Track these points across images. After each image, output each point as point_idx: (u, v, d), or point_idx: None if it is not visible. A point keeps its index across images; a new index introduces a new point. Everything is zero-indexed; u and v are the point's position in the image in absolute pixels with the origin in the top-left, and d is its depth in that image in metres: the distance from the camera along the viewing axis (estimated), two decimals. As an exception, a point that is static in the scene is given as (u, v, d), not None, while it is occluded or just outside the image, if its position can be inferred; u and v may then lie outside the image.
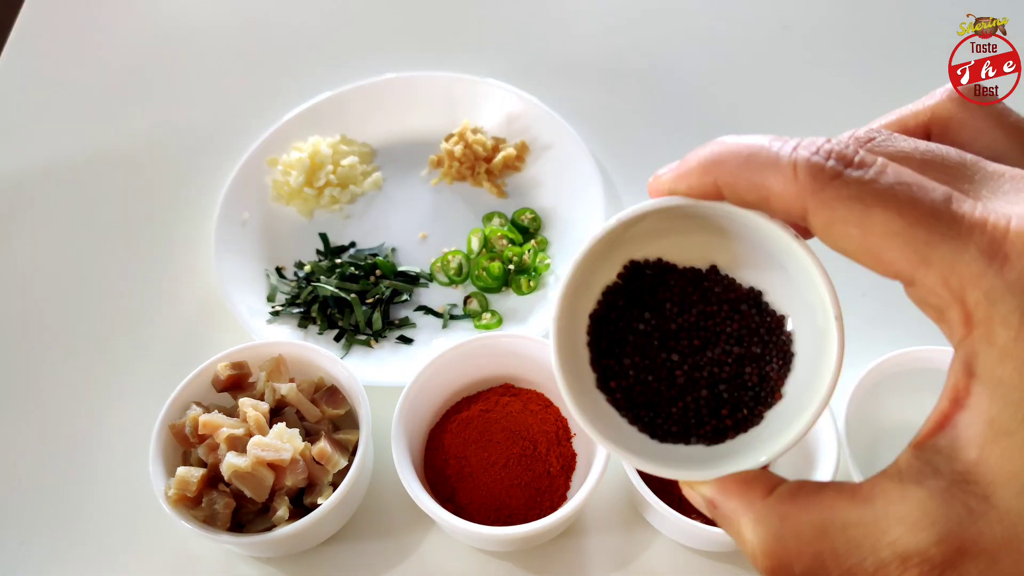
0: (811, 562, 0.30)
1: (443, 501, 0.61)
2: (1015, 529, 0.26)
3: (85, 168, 0.93)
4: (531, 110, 0.90)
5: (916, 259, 0.27)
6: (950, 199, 0.27)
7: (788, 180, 0.29)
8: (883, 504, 0.29)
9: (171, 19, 1.11)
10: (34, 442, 0.73)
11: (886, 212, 0.27)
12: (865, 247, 0.28)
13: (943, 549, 0.27)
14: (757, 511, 0.32)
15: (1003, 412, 0.27)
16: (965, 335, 0.27)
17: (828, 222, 0.28)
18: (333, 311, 0.79)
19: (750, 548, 0.32)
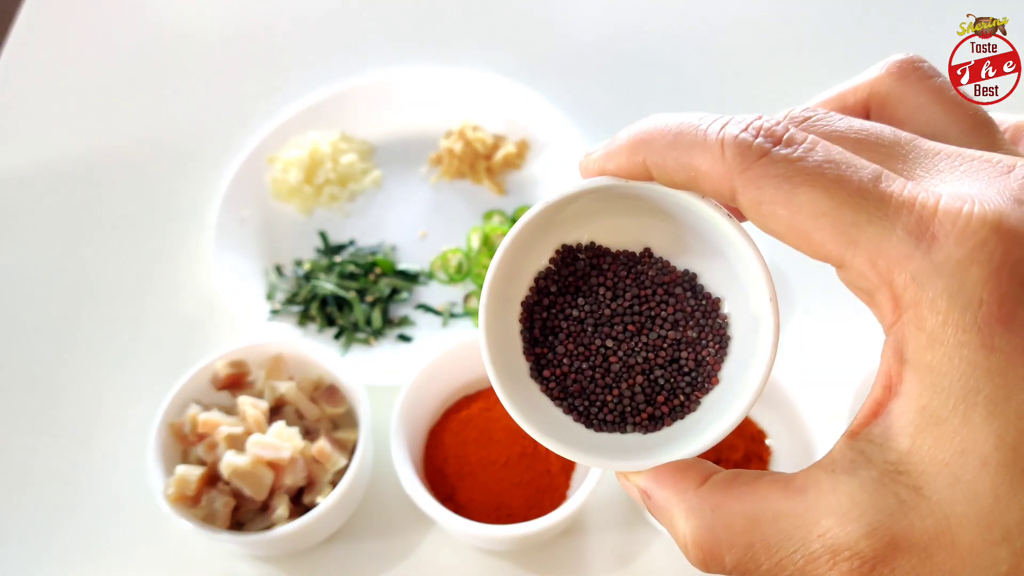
0: (742, 554, 0.29)
1: (443, 500, 0.61)
2: (947, 522, 0.25)
3: (84, 167, 0.93)
4: (531, 107, 0.90)
5: (844, 241, 0.26)
6: (879, 178, 0.26)
7: (716, 159, 0.28)
8: (815, 495, 0.28)
9: (171, 18, 1.11)
10: (33, 441, 0.73)
11: (813, 191, 0.26)
12: (793, 228, 0.27)
13: (873, 543, 0.26)
14: (689, 501, 0.31)
15: (934, 399, 0.26)
16: (894, 320, 0.26)
17: (756, 202, 0.27)
18: (332, 309, 0.79)
19: (682, 538, 0.31)
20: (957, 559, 0.26)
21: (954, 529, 0.25)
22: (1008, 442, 0.25)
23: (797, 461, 0.64)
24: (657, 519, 0.33)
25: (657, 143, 0.30)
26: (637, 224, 0.36)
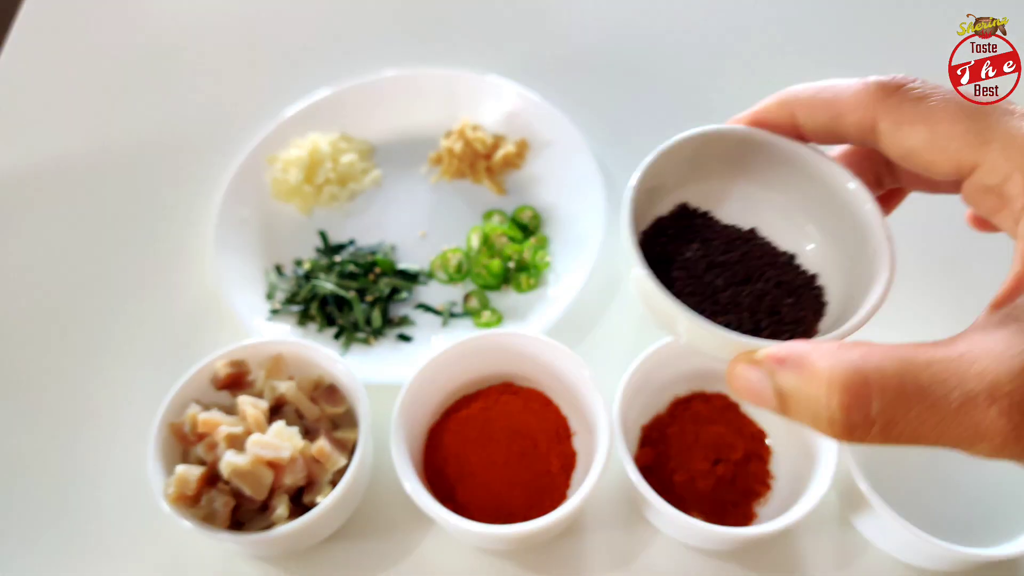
0: (893, 397, 0.28)
1: (443, 500, 0.61)
2: None
3: (83, 167, 0.93)
4: (531, 107, 0.90)
5: (977, 142, 0.31)
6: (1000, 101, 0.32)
7: (860, 94, 0.34)
8: (967, 345, 0.28)
9: (170, 17, 1.11)
10: (33, 440, 0.73)
11: (946, 107, 0.32)
12: (931, 142, 0.32)
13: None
14: (835, 353, 0.30)
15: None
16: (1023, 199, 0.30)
17: (896, 123, 0.33)
18: (332, 309, 0.79)
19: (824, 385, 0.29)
20: None
21: None
22: None
23: (797, 461, 0.64)
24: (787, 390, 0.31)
25: (804, 94, 0.36)
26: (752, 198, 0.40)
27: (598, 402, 0.62)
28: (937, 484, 0.64)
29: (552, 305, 0.77)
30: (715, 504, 0.63)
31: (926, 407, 0.27)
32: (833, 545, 0.64)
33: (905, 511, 0.58)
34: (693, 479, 0.63)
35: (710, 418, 0.67)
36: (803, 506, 0.58)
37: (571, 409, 0.68)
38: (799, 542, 0.64)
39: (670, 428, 0.67)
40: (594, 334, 0.78)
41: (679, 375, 0.69)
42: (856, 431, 0.29)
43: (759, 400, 0.33)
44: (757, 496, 0.64)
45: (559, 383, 0.67)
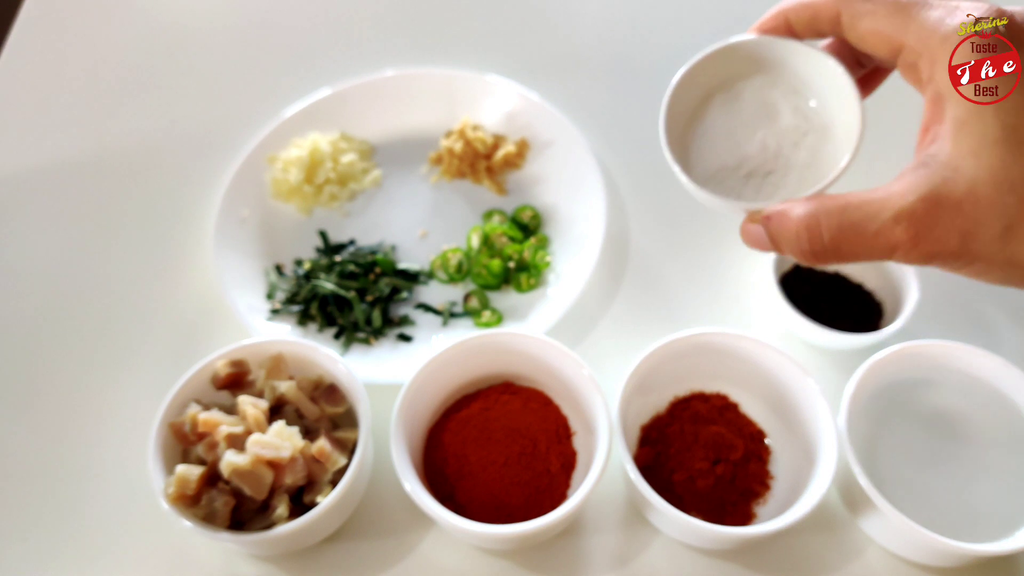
0: (836, 230, 0.41)
1: (443, 499, 0.61)
2: (972, 184, 0.38)
3: (84, 167, 0.93)
4: (531, 107, 0.90)
5: (902, 29, 0.41)
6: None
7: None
8: (887, 189, 0.40)
9: (170, 17, 1.10)
10: (33, 440, 0.73)
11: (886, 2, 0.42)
12: (873, 29, 0.42)
13: (924, 204, 0.39)
14: (800, 205, 0.44)
15: (960, 109, 0.39)
16: (931, 72, 0.40)
17: (852, 15, 0.43)
18: (332, 309, 0.79)
19: (793, 227, 0.43)
20: (979, 207, 0.38)
21: (977, 189, 0.38)
22: (1010, 125, 0.38)
23: (797, 461, 0.64)
24: (774, 234, 0.45)
25: (791, 2, 0.47)
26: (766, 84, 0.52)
27: (598, 402, 0.62)
28: (937, 480, 0.64)
29: (552, 305, 0.77)
30: (714, 504, 0.63)
31: (857, 233, 0.41)
32: (833, 543, 0.64)
33: (906, 507, 0.58)
34: (693, 479, 0.63)
35: (709, 418, 0.67)
36: (803, 506, 0.58)
37: (571, 409, 0.68)
38: (799, 541, 0.64)
39: (670, 428, 0.67)
40: (594, 334, 0.78)
41: (678, 375, 0.69)
42: (818, 255, 0.43)
43: (760, 244, 0.47)
44: (756, 496, 0.64)
45: (559, 383, 0.67)
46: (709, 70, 0.51)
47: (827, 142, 0.49)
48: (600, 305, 0.80)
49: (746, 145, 0.50)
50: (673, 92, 0.51)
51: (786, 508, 0.59)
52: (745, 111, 0.51)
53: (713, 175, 0.51)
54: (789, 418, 0.66)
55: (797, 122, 0.50)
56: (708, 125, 0.52)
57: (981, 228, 0.38)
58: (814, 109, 0.50)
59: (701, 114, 0.53)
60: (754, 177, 0.50)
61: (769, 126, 0.50)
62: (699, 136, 0.52)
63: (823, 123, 0.49)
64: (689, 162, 0.52)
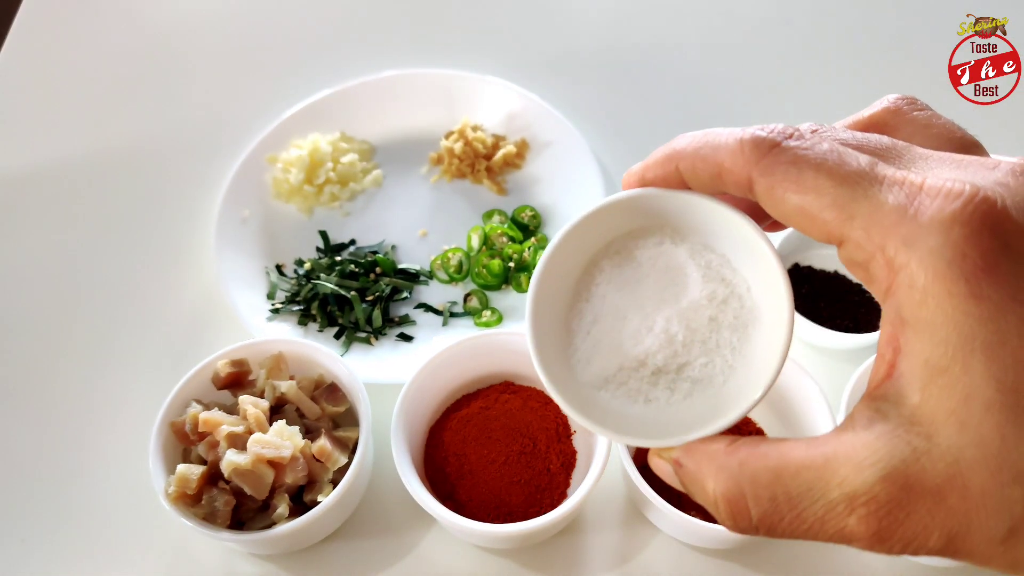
0: (767, 506, 0.31)
1: (443, 498, 0.61)
2: (957, 466, 0.27)
3: (85, 167, 0.93)
4: (531, 107, 0.90)
5: (843, 216, 0.29)
6: (875, 164, 0.30)
7: (736, 153, 0.32)
8: (834, 449, 0.30)
9: (170, 18, 1.11)
10: (34, 440, 0.73)
11: (817, 174, 0.30)
12: (800, 208, 0.30)
13: (887, 486, 0.28)
14: (718, 460, 0.33)
15: (935, 351, 0.28)
16: (890, 283, 0.29)
17: (768, 187, 0.31)
18: (333, 308, 0.79)
19: (712, 497, 0.33)
20: (971, 501, 0.27)
21: (965, 472, 0.27)
22: (1008, 384, 0.27)
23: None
24: (688, 488, 0.35)
25: (687, 149, 0.34)
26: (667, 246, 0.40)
27: (598, 401, 0.62)
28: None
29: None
30: (715, 503, 0.63)
31: (795, 515, 0.30)
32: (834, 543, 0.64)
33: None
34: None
35: (710, 417, 0.67)
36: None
37: (571, 408, 0.68)
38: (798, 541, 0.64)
39: (670, 427, 0.67)
40: (594, 334, 0.78)
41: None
42: (746, 532, 0.32)
43: (673, 484, 0.36)
44: (757, 495, 0.64)
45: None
46: (592, 230, 0.39)
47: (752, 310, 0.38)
48: (600, 305, 0.80)
49: (647, 337, 0.38)
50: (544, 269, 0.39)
51: (786, 507, 0.59)
52: (643, 283, 0.39)
53: (612, 376, 0.39)
54: (788, 418, 0.66)
55: (712, 288, 0.38)
56: (597, 307, 0.40)
57: (974, 529, 0.27)
58: (730, 264, 0.39)
59: (587, 289, 0.41)
60: (664, 374, 0.39)
61: (674, 303, 0.38)
62: (587, 322, 0.40)
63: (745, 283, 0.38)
64: (574, 359, 0.40)
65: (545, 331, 0.39)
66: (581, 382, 0.39)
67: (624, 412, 0.39)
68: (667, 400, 0.38)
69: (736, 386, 0.37)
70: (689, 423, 0.36)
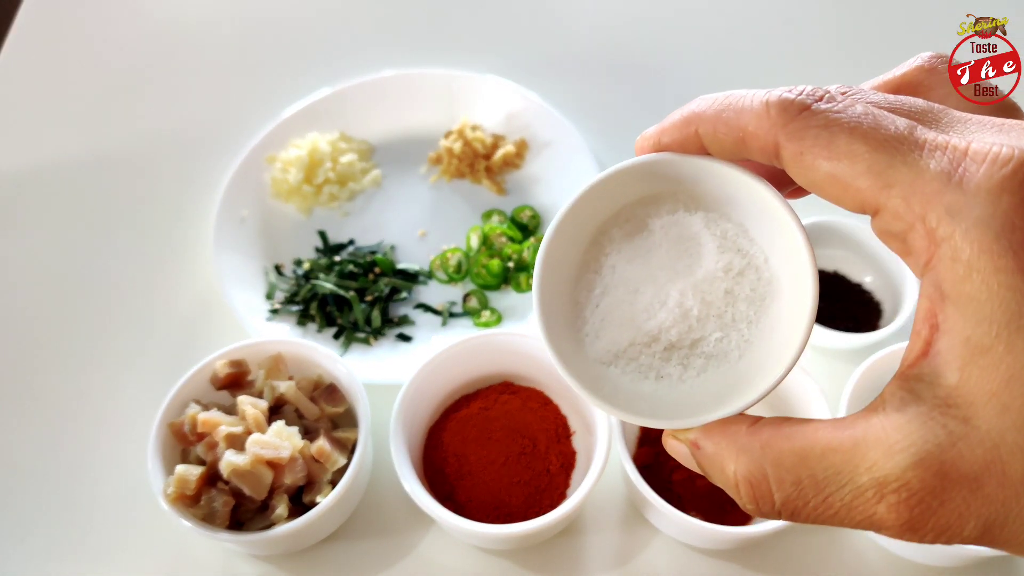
0: (791, 490, 0.29)
1: (442, 499, 0.61)
2: (997, 451, 0.25)
3: (84, 167, 0.93)
4: (531, 107, 0.90)
5: (880, 183, 0.27)
6: (913, 128, 0.27)
7: (761, 117, 0.29)
8: (863, 430, 0.28)
9: (170, 17, 1.10)
10: (33, 440, 0.73)
11: (851, 138, 0.27)
12: (832, 176, 0.28)
13: (921, 473, 0.26)
14: (739, 442, 0.31)
15: (977, 329, 0.26)
16: (930, 256, 0.27)
17: (797, 153, 0.29)
18: (332, 309, 0.79)
19: (732, 480, 0.31)
20: (1010, 489, 0.25)
21: (1005, 458, 0.25)
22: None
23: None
24: (706, 470, 0.33)
25: (708, 112, 0.32)
26: (681, 213, 0.38)
27: (598, 402, 0.62)
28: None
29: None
30: (714, 503, 0.63)
31: (821, 500, 0.28)
32: (833, 543, 0.64)
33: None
34: (692, 478, 0.63)
35: (709, 418, 0.67)
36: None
37: (570, 408, 0.68)
38: (798, 541, 0.64)
39: (669, 428, 0.67)
40: (593, 334, 0.78)
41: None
42: (768, 516, 0.30)
43: (690, 466, 0.34)
44: (756, 496, 0.64)
45: (558, 383, 0.67)
46: (602, 197, 0.38)
47: (770, 283, 0.36)
48: (599, 305, 0.80)
49: (660, 311, 0.36)
50: (551, 239, 0.36)
51: (785, 508, 0.59)
52: (655, 253, 0.37)
53: (622, 352, 0.37)
54: (788, 418, 0.66)
55: (728, 259, 0.36)
56: (606, 279, 0.38)
57: (1012, 519, 0.26)
58: (747, 234, 0.37)
59: (596, 259, 0.38)
60: (677, 349, 0.37)
61: (688, 275, 0.36)
62: (596, 295, 0.38)
63: (763, 254, 0.36)
64: (583, 333, 0.38)
65: (552, 304, 0.37)
66: (590, 358, 0.37)
67: (635, 389, 0.37)
68: (680, 376, 0.37)
69: (755, 362, 0.35)
70: (704, 401, 0.35)
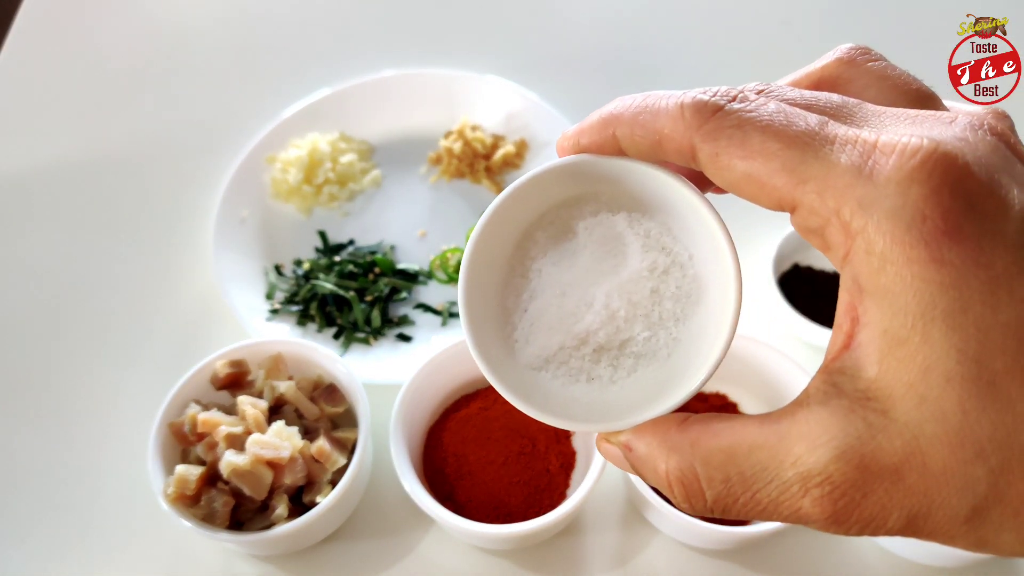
0: (721, 487, 0.30)
1: (442, 499, 0.61)
2: (916, 442, 0.26)
3: (84, 167, 0.93)
4: (530, 107, 0.90)
5: (794, 180, 0.27)
6: (825, 123, 0.28)
7: (676, 120, 0.29)
8: (788, 426, 0.28)
9: (170, 17, 1.11)
10: (33, 440, 0.73)
11: (764, 136, 0.28)
12: (747, 175, 0.28)
13: (842, 466, 0.27)
14: (670, 441, 0.31)
15: (893, 320, 0.26)
16: (847, 250, 0.27)
17: (712, 154, 0.29)
18: (332, 309, 0.79)
19: (664, 480, 0.31)
20: (931, 480, 0.26)
21: (924, 449, 0.26)
22: (970, 355, 0.25)
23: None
24: (640, 471, 0.33)
25: (625, 115, 0.32)
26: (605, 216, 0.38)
27: (597, 402, 0.62)
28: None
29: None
30: (714, 504, 0.63)
31: (750, 496, 0.29)
32: (833, 543, 0.65)
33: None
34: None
35: (709, 418, 0.67)
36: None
37: (570, 409, 0.67)
38: (798, 541, 0.65)
39: (669, 428, 0.67)
40: (593, 334, 0.78)
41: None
42: (702, 513, 0.31)
43: (624, 469, 0.34)
44: (756, 496, 0.64)
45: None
46: (526, 200, 0.37)
47: (696, 280, 0.36)
48: (599, 305, 0.80)
49: (587, 313, 0.36)
50: (475, 246, 0.36)
51: (785, 508, 0.59)
52: (580, 256, 0.37)
53: (552, 356, 0.37)
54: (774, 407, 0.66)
55: (652, 257, 0.36)
56: (534, 283, 0.38)
57: (934, 509, 0.26)
58: (670, 231, 0.37)
59: (522, 263, 0.38)
60: (607, 351, 0.37)
61: (613, 275, 0.36)
62: (524, 300, 0.38)
63: (687, 251, 0.36)
64: (513, 339, 0.38)
65: (480, 311, 0.37)
66: (520, 364, 0.37)
67: (567, 394, 0.37)
68: (610, 377, 0.37)
69: (684, 360, 0.35)
70: (636, 402, 0.35)
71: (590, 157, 0.35)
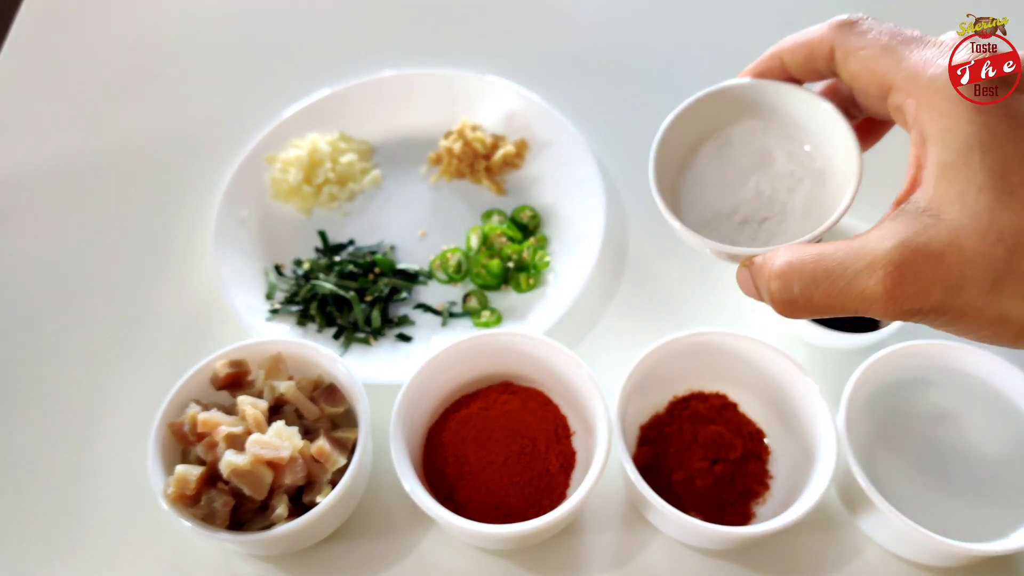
0: (808, 279, 0.39)
1: (442, 499, 0.61)
2: (956, 234, 0.36)
3: (84, 167, 0.93)
4: (530, 107, 0.90)
5: (893, 67, 0.40)
6: (914, 31, 0.41)
7: (823, 30, 0.44)
8: (865, 237, 0.38)
9: (169, 17, 1.10)
10: (33, 440, 0.73)
11: (880, 38, 0.41)
12: (865, 66, 0.41)
13: (902, 251, 0.36)
14: (780, 252, 0.42)
15: (946, 154, 0.37)
16: (917, 113, 0.39)
17: (845, 51, 0.42)
18: (332, 309, 0.79)
19: (767, 278, 0.41)
20: (965, 258, 0.36)
21: (962, 238, 0.36)
22: (997, 172, 0.36)
23: (796, 461, 0.65)
24: (755, 278, 0.43)
25: (788, 41, 0.46)
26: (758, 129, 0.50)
27: (597, 401, 0.62)
28: (936, 480, 0.65)
29: (551, 305, 0.77)
30: (713, 503, 0.63)
31: (829, 283, 0.38)
32: (832, 543, 0.64)
33: (905, 507, 0.58)
34: (691, 478, 0.63)
35: (708, 417, 0.67)
36: (802, 505, 0.58)
37: (570, 408, 0.68)
38: (798, 541, 0.64)
39: (669, 427, 0.67)
40: (593, 334, 0.78)
41: (677, 374, 0.69)
42: (788, 306, 0.41)
43: (749, 292, 0.45)
44: (756, 496, 0.64)
45: (558, 383, 0.67)
46: (699, 115, 0.50)
47: (824, 187, 0.47)
48: (599, 305, 0.80)
49: (740, 191, 0.49)
50: (662, 137, 0.50)
51: (785, 508, 0.60)
52: (738, 157, 0.50)
53: (707, 222, 0.49)
54: (788, 418, 0.66)
55: (792, 168, 0.48)
56: (699, 171, 0.51)
57: (966, 282, 0.35)
58: (809, 154, 0.48)
59: (691, 161, 0.51)
60: (749, 224, 0.49)
61: (763, 171, 0.49)
62: (690, 183, 0.51)
63: (819, 168, 0.48)
64: (681, 209, 0.50)
65: (663, 187, 0.49)
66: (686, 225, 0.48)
67: None
68: (749, 243, 0.48)
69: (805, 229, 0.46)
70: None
71: (750, 80, 0.48)
